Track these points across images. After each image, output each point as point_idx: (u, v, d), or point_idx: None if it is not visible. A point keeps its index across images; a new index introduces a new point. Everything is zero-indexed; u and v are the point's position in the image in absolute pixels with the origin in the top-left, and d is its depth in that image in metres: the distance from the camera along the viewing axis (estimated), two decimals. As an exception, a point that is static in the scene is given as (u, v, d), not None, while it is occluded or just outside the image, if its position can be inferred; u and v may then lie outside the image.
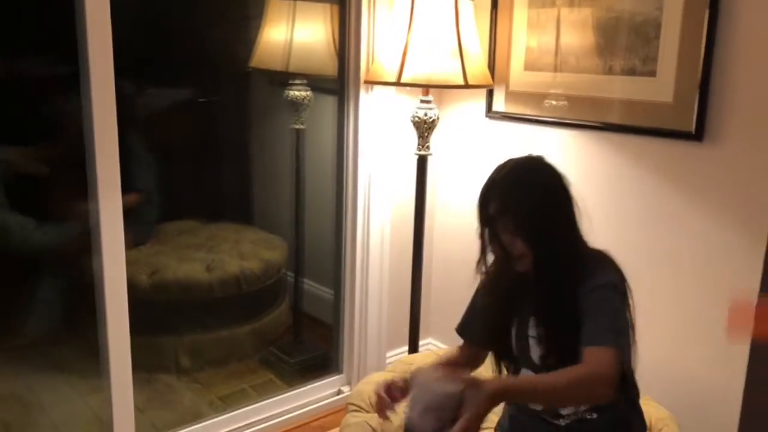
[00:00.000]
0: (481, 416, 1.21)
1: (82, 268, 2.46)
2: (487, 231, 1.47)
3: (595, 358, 1.30)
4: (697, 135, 1.90)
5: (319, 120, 2.86)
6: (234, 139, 3.36)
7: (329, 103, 2.73)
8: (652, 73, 1.98)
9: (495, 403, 1.24)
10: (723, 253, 1.91)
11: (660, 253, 2.05)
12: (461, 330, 1.68)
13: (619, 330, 1.36)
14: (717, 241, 1.91)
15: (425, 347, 2.87)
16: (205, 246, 3.10)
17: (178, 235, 3.16)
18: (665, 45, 1.95)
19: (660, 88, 1.97)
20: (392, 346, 2.76)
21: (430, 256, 2.78)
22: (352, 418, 1.80)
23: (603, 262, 1.46)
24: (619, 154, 2.12)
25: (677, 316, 2.04)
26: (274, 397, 2.57)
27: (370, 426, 1.76)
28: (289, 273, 3.11)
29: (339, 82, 2.56)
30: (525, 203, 1.42)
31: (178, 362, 2.79)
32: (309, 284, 3.08)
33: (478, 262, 1.53)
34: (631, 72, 2.04)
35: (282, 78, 2.74)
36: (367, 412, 1.83)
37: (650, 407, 1.84)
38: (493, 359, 1.60)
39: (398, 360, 2.18)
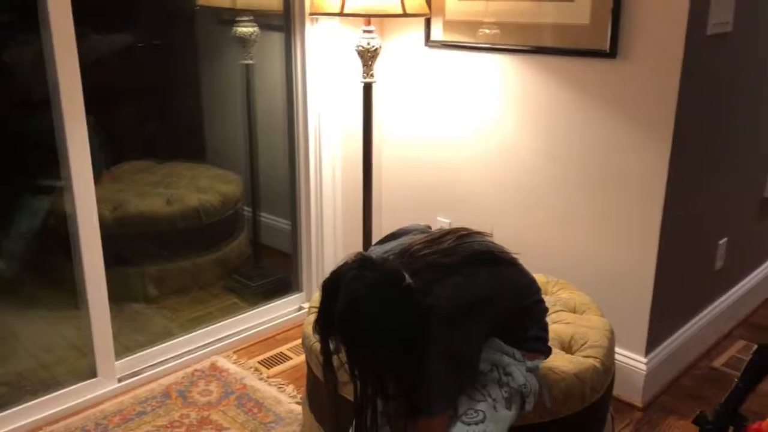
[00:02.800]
0: None
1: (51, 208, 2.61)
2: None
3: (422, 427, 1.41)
4: (612, 53, 2.12)
5: (268, 55, 2.98)
6: (183, 78, 3.44)
7: (277, 38, 2.85)
8: (571, -2, 2.18)
9: None
10: (634, 154, 2.16)
11: (582, 156, 2.30)
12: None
13: (451, 390, 1.44)
14: (628, 144, 2.17)
15: (378, 266, 3.10)
16: (163, 183, 3.23)
17: (134, 174, 3.28)
18: (583, -28, 2.15)
19: (578, 11, 2.18)
20: (347, 264, 2.98)
21: (379, 180, 2.98)
22: (312, 317, 2.01)
23: (463, 314, 1.43)
24: (547, 74, 2.33)
25: (595, 211, 2.30)
26: (240, 314, 2.77)
27: (331, 322, 1.97)
28: (246, 208, 3.27)
29: (285, 17, 2.69)
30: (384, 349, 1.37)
31: (146, 291, 2.95)
32: (266, 217, 3.25)
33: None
34: (553, -2, 2.24)
35: (229, 15, 2.85)
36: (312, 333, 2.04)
37: (575, 295, 2.12)
38: None
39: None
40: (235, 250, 3.27)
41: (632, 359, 2.31)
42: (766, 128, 2.71)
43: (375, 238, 2.79)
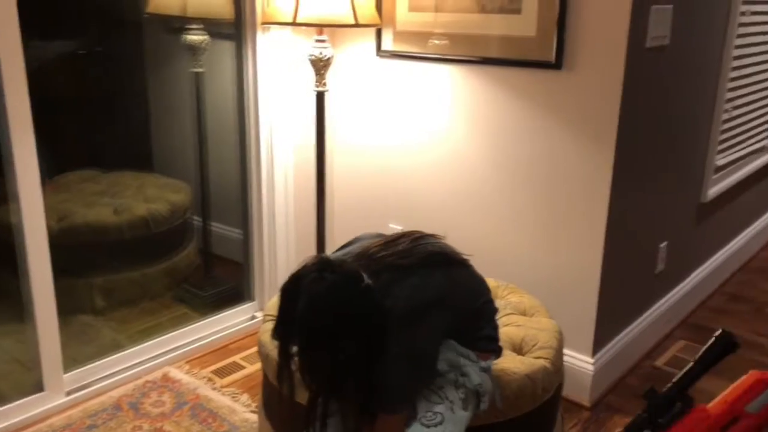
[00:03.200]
0: None
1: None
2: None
3: (382, 429, 1.46)
4: (557, 64, 2.20)
5: (219, 64, 2.97)
6: (131, 86, 3.39)
7: (228, 46, 2.85)
8: (518, 11, 2.25)
9: None
10: (579, 161, 2.24)
11: (530, 164, 2.37)
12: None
13: (410, 388, 1.49)
14: (574, 151, 2.25)
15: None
16: (109, 192, 3.18)
17: (79, 184, 3.21)
18: (529, -15, 2.22)
19: (525, 24, 2.25)
20: (300, 273, 2.98)
21: (331, 188, 3.00)
22: (268, 325, 2.02)
23: (417, 315, 1.46)
24: (496, 84, 2.40)
25: (543, 217, 2.37)
26: (192, 324, 2.75)
27: (287, 329, 1.98)
28: (196, 217, 3.24)
29: (236, 25, 2.69)
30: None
31: (94, 303, 2.90)
32: (216, 226, 3.23)
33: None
34: (500, 10, 2.30)
35: (179, 23, 2.83)
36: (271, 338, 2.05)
37: (524, 298, 2.18)
38: None
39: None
40: (185, 259, 3.24)
41: (580, 360, 2.38)
42: (703, 136, 2.84)
43: (328, 246, 2.81)
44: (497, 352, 1.75)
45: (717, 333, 1.29)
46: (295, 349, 1.42)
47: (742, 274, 3.60)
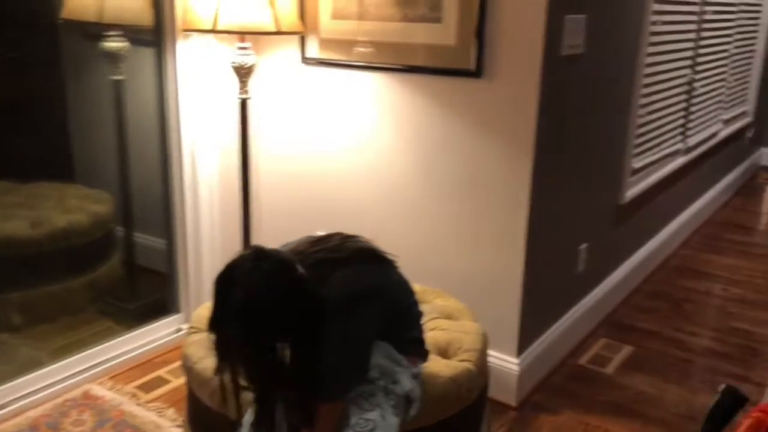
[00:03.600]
0: None
1: None
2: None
3: (323, 417, 1.50)
4: (477, 72, 2.25)
5: (139, 71, 2.90)
6: (46, 94, 3.28)
7: (148, 53, 2.79)
8: (438, 20, 2.29)
9: None
10: (500, 166, 2.29)
11: (454, 170, 2.41)
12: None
13: (348, 375, 1.52)
14: (495, 157, 2.30)
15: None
16: (26, 204, 3.06)
17: (-5, 196, 3.09)
18: (448, -5, 2.26)
19: (445, 33, 2.29)
20: (227, 282, 2.94)
21: (258, 196, 2.97)
22: (194, 337, 1.98)
23: (339, 308, 1.48)
24: (419, 92, 2.43)
25: (466, 222, 2.41)
26: (115, 339, 2.67)
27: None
28: (118, 227, 3.15)
29: (156, 32, 2.64)
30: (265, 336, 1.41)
31: (10, 320, 2.78)
32: (140, 237, 3.15)
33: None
34: (422, 19, 2.34)
35: (97, 29, 2.75)
36: (207, 331, 2.02)
37: (449, 302, 2.21)
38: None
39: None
40: (109, 271, 3.14)
41: (505, 361, 2.43)
42: (619, 140, 2.95)
43: (257, 240, 2.78)
44: (424, 356, 1.78)
45: (721, 388, 1.25)
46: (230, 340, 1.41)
47: (660, 272, 3.75)
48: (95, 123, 3.26)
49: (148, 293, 3.03)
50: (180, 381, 2.52)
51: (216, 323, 1.41)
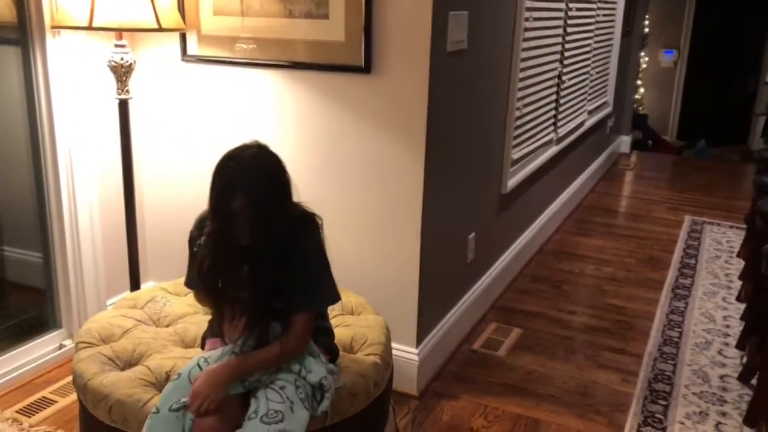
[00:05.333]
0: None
1: None
2: (224, 221, 1.57)
3: (299, 324, 1.62)
4: (366, 68, 2.26)
5: (4, 71, 2.69)
6: None
7: (13, 52, 2.58)
8: (326, 16, 2.28)
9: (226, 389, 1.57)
10: (393, 162, 2.33)
11: (343, 168, 2.42)
12: (188, 284, 1.81)
13: (318, 289, 1.68)
14: (388, 153, 2.33)
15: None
16: None
17: None
18: (333, -9, 2.26)
19: (333, 29, 2.29)
20: (113, 293, 2.80)
21: (141, 201, 2.84)
22: (84, 353, 1.87)
23: (307, 224, 1.67)
24: (306, 88, 2.41)
25: (364, 218, 2.43)
26: (-12, 362, 2.47)
27: (104, 355, 1.85)
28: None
29: (20, 29, 2.45)
30: (266, 197, 1.55)
31: None
32: (10, 251, 2.92)
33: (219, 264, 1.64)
34: (308, 15, 2.32)
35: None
36: (98, 345, 1.91)
37: (351, 298, 2.22)
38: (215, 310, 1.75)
39: (122, 298, 2.26)
40: (-25, 289, 2.89)
41: (406, 352, 2.47)
42: (500, 132, 3.07)
43: (142, 249, 2.66)
44: (335, 352, 1.80)
45: None
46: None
47: (539, 256, 3.95)
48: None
49: (22, 311, 2.81)
50: (68, 400, 2.37)
51: (221, 196, 1.54)
